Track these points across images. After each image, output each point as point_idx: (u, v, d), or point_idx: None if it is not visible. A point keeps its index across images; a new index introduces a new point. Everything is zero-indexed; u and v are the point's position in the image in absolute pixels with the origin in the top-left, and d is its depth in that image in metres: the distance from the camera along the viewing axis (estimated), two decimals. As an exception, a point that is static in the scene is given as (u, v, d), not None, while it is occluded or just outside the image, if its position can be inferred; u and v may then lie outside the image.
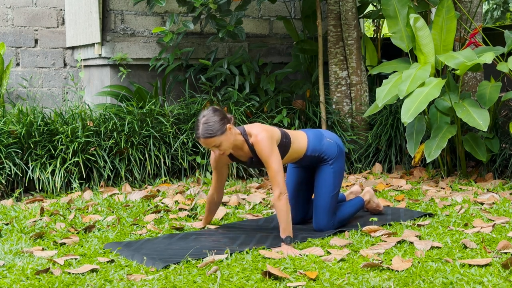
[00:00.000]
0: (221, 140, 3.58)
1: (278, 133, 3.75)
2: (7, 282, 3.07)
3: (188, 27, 5.76)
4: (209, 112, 3.60)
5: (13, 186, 5.19)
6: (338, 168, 3.93)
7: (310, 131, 3.97)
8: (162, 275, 3.13)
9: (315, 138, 3.91)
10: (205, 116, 3.58)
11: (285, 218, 3.55)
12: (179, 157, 5.60)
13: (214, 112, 3.59)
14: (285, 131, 3.83)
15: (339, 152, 3.93)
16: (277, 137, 3.72)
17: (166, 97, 6.20)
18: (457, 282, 2.93)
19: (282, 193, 3.55)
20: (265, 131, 3.66)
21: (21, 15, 6.53)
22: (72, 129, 5.34)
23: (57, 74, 6.68)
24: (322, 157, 3.89)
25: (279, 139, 3.74)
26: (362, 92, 6.19)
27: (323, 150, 3.89)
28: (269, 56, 6.86)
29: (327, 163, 3.90)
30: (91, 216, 4.32)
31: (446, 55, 5.00)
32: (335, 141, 3.95)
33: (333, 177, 3.90)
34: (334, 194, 3.91)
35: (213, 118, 3.57)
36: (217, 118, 3.57)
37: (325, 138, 3.92)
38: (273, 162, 3.60)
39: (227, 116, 3.63)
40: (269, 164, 3.61)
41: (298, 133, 3.92)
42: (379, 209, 4.30)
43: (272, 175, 3.59)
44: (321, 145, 3.89)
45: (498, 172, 5.46)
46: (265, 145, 3.62)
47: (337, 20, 6.17)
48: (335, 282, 2.98)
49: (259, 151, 3.65)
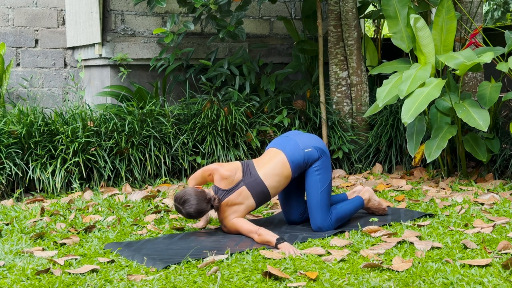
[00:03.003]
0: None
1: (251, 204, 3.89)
2: (8, 282, 3.07)
3: (189, 28, 5.76)
4: (189, 200, 3.83)
5: (13, 186, 5.20)
6: (322, 166, 3.93)
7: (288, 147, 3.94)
8: (162, 275, 3.13)
9: (294, 153, 3.90)
10: (186, 203, 3.83)
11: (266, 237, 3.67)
12: (180, 157, 5.61)
13: (193, 203, 3.83)
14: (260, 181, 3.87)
15: (320, 153, 3.94)
16: (250, 209, 3.91)
17: (167, 97, 6.20)
18: (458, 283, 2.93)
19: (257, 232, 3.73)
20: (233, 223, 3.87)
21: (22, 15, 6.53)
22: (73, 129, 5.34)
23: (57, 74, 6.68)
24: (307, 164, 3.93)
25: (253, 207, 3.91)
26: (362, 93, 6.19)
27: (305, 160, 3.92)
28: (270, 56, 6.86)
29: (311, 166, 3.94)
30: (91, 216, 4.32)
31: (446, 56, 5.00)
32: (313, 146, 3.94)
33: (318, 174, 3.92)
34: (323, 190, 3.92)
35: (192, 207, 3.81)
36: (195, 206, 3.81)
37: (302, 150, 3.91)
38: (241, 230, 3.83)
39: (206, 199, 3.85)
40: (240, 231, 3.85)
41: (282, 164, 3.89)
42: (381, 207, 4.28)
43: (245, 233, 3.81)
44: (302, 156, 3.91)
45: (499, 172, 5.46)
46: (229, 227, 3.89)
47: (337, 20, 6.17)
48: (336, 283, 2.98)
49: (224, 224, 3.92)
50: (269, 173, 3.86)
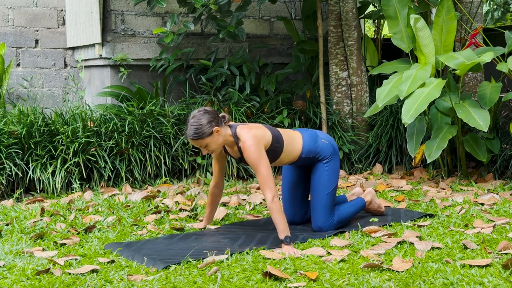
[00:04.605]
0: (207, 142, 3.64)
1: (268, 138, 3.75)
2: (8, 282, 3.07)
3: (189, 28, 5.76)
4: (198, 113, 3.65)
5: (13, 187, 5.20)
6: (333, 166, 3.94)
7: (306, 132, 3.97)
8: (162, 276, 3.13)
9: (310, 139, 3.92)
10: (194, 117, 3.64)
11: (281, 219, 3.55)
12: (180, 157, 5.61)
13: (204, 113, 3.64)
14: (280, 134, 3.82)
15: (333, 152, 3.95)
16: (266, 142, 3.73)
17: (167, 98, 6.20)
18: (458, 283, 2.93)
19: (274, 196, 3.57)
20: (252, 137, 3.66)
21: (22, 16, 6.53)
22: (73, 130, 5.34)
23: (57, 75, 6.68)
24: (317, 157, 3.92)
25: (268, 144, 3.74)
26: (362, 93, 6.19)
27: (318, 151, 3.91)
28: (270, 57, 6.86)
29: (322, 162, 3.92)
30: (91, 217, 4.32)
31: (446, 56, 5.00)
32: (330, 141, 3.98)
33: (328, 175, 3.92)
34: (329, 192, 3.92)
35: (201, 120, 3.61)
36: (204, 121, 3.61)
37: (320, 139, 3.94)
38: (261, 167, 3.61)
39: (218, 117, 3.66)
40: (258, 170, 3.62)
41: (294, 134, 3.92)
42: (380, 210, 4.30)
43: (262, 179, 3.59)
44: (316, 146, 3.91)
45: (499, 172, 5.46)
46: (251, 152, 3.63)
47: (337, 20, 6.17)
48: (336, 283, 2.98)
49: (246, 157, 3.67)
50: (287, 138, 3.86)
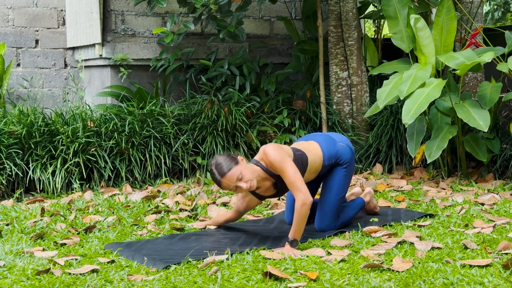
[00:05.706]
0: (240, 170, 3.49)
1: (287, 149, 3.69)
2: (8, 282, 3.07)
3: (189, 28, 5.76)
4: (216, 156, 3.59)
5: (13, 187, 5.20)
6: (350, 171, 3.94)
7: (319, 138, 3.90)
8: (162, 276, 3.13)
9: (328, 144, 3.85)
10: (213, 161, 3.55)
11: (301, 224, 3.51)
12: (180, 157, 5.60)
13: (220, 155, 3.57)
14: (295, 146, 3.78)
15: (352, 157, 3.93)
16: (286, 149, 3.67)
17: (167, 98, 6.20)
18: (458, 283, 2.93)
19: (306, 200, 3.48)
20: (271, 146, 3.61)
21: (22, 16, 6.53)
22: (73, 130, 5.34)
23: (57, 75, 6.68)
24: (337, 162, 3.88)
25: (291, 152, 3.67)
26: (362, 93, 6.19)
27: (338, 156, 3.86)
28: (270, 57, 6.86)
29: (341, 166, 3.89)
30: (91, 217, 4.32)
31: (446, 56, 5.00)
32: (347, 144, 3.93)
33: (344, 179, 3.90)
34: (341, 197, 3.93)
35: (221, 157, 3.54)
36: (224, 156, 3.54)
37: (338, 143, 3.89)
38: (288, 168, 3.53)
39: (234, 155, 3.61)
40: (285, 172, 3.53)
41: (309, 144, 3.84)
42: (375, 210, 4.32)
43: (290, 181, 3.52)
44: (335, 151, 3.86)
45: (499, 172, 5.46)
46: (274, 156, 3.55)
47: (337, 20, 6.17)
48: (336, 283, 2.98)
49: (271, 164, 3.57)
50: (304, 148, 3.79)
